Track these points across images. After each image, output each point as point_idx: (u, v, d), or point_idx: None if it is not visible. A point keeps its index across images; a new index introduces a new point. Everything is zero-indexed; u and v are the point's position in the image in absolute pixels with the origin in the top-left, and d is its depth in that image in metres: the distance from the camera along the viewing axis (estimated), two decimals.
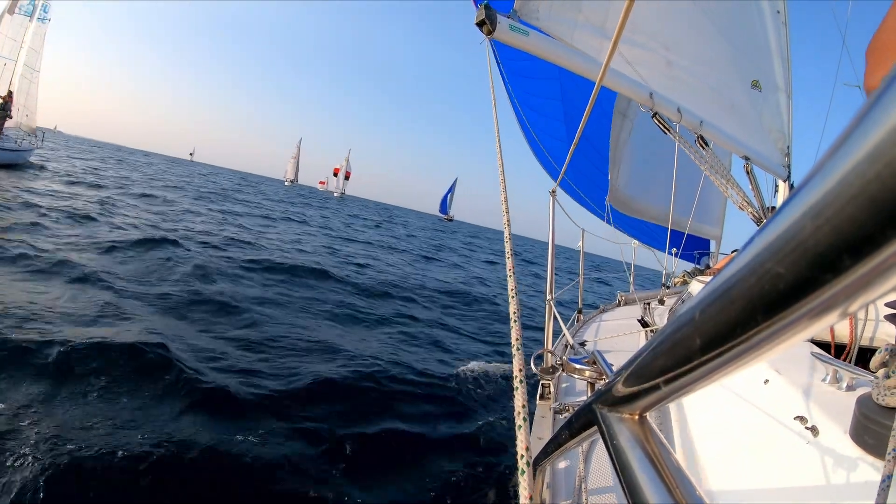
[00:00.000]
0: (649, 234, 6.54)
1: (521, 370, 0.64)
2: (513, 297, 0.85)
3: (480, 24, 1.89)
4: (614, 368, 0.66)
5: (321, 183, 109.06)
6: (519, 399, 0.58)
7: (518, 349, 0.73)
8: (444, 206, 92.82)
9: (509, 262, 0.99)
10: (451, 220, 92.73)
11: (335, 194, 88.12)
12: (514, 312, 0.80)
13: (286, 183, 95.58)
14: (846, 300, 0.17)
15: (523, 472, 0.49)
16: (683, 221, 4.89)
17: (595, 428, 0.48)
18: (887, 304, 0.91)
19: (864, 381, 0.95)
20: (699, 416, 1.28)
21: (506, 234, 1.09)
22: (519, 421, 0.55)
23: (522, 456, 0.51)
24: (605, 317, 3.86)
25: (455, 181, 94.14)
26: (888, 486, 0.55)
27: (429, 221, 77.72)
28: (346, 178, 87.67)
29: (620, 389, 0.41)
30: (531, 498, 0.47)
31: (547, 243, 2.24)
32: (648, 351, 0.34)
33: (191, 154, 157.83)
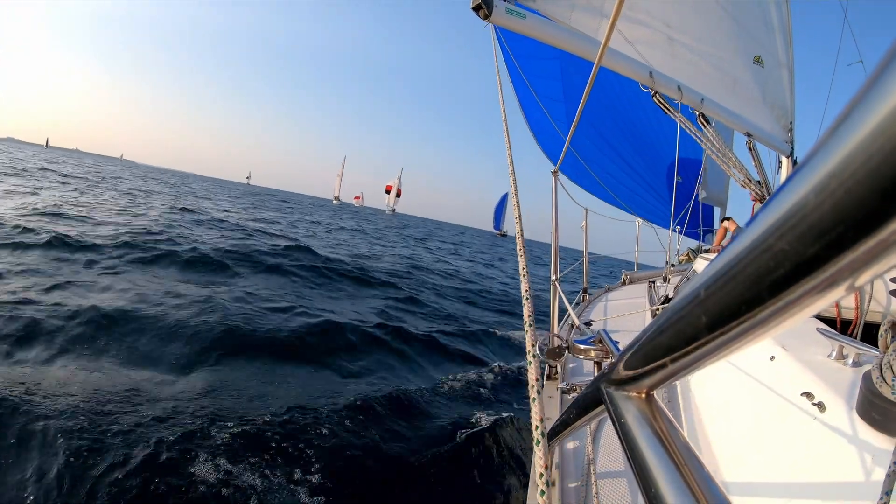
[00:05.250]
0: (654, 212, 6.52)
1: (533, 345, 0.65)
2: (524, 276, 0.86)
3: (477, 9, 1.86)
4: (620, 347, 0.66)
5: (356, 198, 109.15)
6: (532, 373, 0.59)
7: (531, 325, 0.74)
8: (498, 222, 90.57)
9: (519, 242, 1.04)
10: (504, 236, 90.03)
11: (387, 211, 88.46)
12: (526, 290, 0.81)
13: (334, 202, 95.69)
14: (851, 275, 0.17)
15: (538, 442, 0.50)
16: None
17: (602, 407, 0.49)
18: (893, 280, 0.90)
19: (869, 356, 0.95)
20: (706, 393, 1.28)
21: (517, 228, 1.12)
22: (533, 394, 0.55)
23: (537, 427, 0.51)
24: (610, 296, 3.87)
25: (506, 195, 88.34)
26: None
27: (486, 238, 73.99)
28: (398, 195, 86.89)
29: (627, 368, 0.42)
30: (546, 467, 0.47)
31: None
32: (654, 329, 0.34)
33: (248, 178, 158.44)
